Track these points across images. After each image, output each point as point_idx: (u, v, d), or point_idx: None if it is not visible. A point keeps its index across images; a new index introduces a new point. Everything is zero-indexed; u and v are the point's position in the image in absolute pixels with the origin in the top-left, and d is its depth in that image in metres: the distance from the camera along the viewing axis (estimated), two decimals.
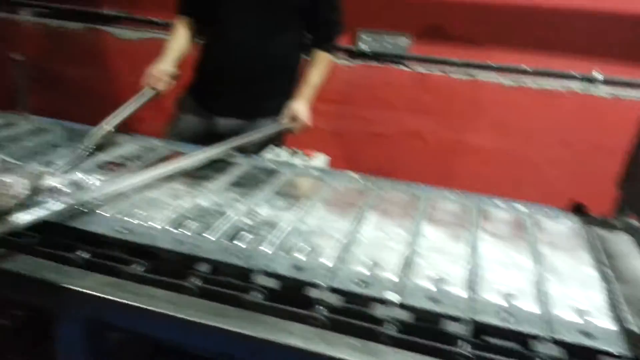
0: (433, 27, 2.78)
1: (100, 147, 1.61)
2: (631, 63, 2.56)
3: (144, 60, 1.94)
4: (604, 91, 2.61)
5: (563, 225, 1.30)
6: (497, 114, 2.77)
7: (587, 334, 0.85)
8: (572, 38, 2.60)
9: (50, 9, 3.38)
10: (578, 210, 1.37)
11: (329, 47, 2.04)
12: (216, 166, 1.53)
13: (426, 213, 1.30)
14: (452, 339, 0.85)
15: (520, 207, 1.39)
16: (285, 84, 2.06)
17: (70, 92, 3.38)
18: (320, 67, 2.02)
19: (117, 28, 3.24)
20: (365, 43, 2.87)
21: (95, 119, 1.68)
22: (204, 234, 1.10)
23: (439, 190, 1.46)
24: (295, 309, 0.90)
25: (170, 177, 1.39)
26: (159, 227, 1.13)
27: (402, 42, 2.83)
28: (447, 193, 1.45)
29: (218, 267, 1.01)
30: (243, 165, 1.57)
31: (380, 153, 2.97)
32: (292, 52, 2.03)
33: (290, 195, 1.36)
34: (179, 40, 1.97)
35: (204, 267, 1.00)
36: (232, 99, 2.02)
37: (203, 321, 0.88)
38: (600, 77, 2.58)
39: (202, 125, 2.05)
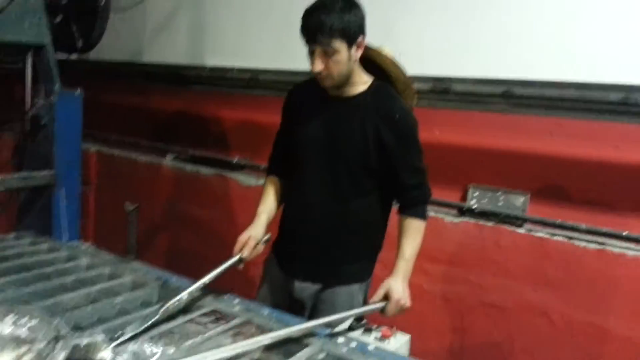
0: (554, 187, 2.55)
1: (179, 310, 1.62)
2: None
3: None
4: None
5: None
6: (637, 294, 2.34)
7: None
8: None
9: (188, 155, 3.78)
10: None
11: (416, 212, 1.89)
12: (283, 346, 1.43)
13: None
14: None
15: None
16: (365, 250, 1.96)
17: (198, 231, 3.61)
18: (411, 236, 1.87)
19: (241, 175, 3.47)
20: (476, 200, 2.71)
21: (216, 257, 1.75)
22: None
23: None
24: None
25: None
26: None
27: (517, 201, 2.62)
28: None
29: None
30: (311, 346, 1.45)
31: (495, 327, 2.63)
32: (371, 216, 1.94)
33: None
34: (268, 204, 1.98)
35: None
36: (306, 261, 1.94)
37: None
38: None
39: (281, 287, 1.99)
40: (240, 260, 1.80)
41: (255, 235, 1.84)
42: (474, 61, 2.60)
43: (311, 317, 1.88)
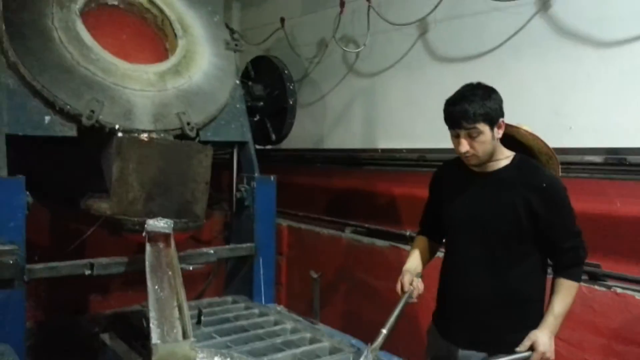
0: None
1: None
2: None
3: (432, 276, 2.17)
4: None
5: None
6: None
7: None
8: None
9: (365, 228, 4.10)
10: None
11: (570, 274, 1.92)
12: None
13: None
14: None
15: None
16: (528, 317, 1.95)
17: (373, 298, 3.84)
18: (562, 295, 1.90)
19: None
20: None
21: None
22: None
23: None
24: None
25: None
26: None
27: None
28: None
29: None
30: None
31: None
32: (530, 284, 1.97)
33: None
34: (418, 251, 2.18)
35: None
36: (468, 331, 2.01)
37: None
38: None
39: (443, 354, 2.07)
40: (410, 295, 2.00)
41: (410, 269, 2.06)
42: None
43: None
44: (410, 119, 3.65)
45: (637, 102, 2.52)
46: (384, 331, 1.90)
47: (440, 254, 2.22)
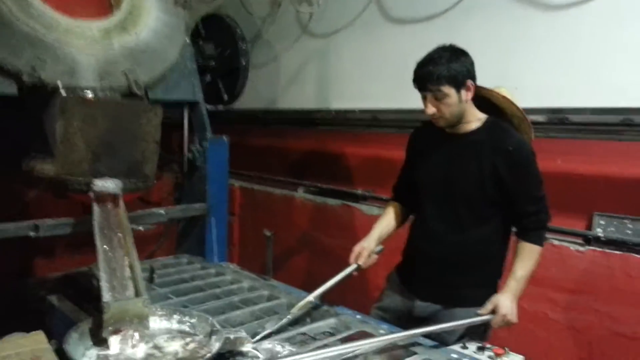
0: None
1: (305, 318, 1.89)
2: None
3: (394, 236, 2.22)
4: None
5: None
6: None
7: None
8: None
9: (317, 188, 4.14)
10: None
11: (533, 237, 1.97)
12: (395, 353, 1.62)
13: None
14: None
15: None
16: (485, 276, 2.05)
17: (325, 255, 3.92)
18: (524, 258, 1.96)
19: (364, 205, 3.73)
20: (602, 228, 2.65)
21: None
22: None
23: None
24: None
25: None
26: None
27: None
28: None
29: None
30: (421, 356, 1.62)
31: (627, 359, 2.53)
32: (492, 244, 2.04)
33: None
34: (385, 221, 2.22)
35: None
36: (428, 284, 2.09)
37: None
38: None
39: (403, 304, 2.16)
40: (357, 268, 2.06)
41: (367, 246, 2.09)
42: (591, 91, 2.60)
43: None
44: (363, 80, 3.65)
45: (578, 64, 2.62)
46: (310, 298, 1.95)
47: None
